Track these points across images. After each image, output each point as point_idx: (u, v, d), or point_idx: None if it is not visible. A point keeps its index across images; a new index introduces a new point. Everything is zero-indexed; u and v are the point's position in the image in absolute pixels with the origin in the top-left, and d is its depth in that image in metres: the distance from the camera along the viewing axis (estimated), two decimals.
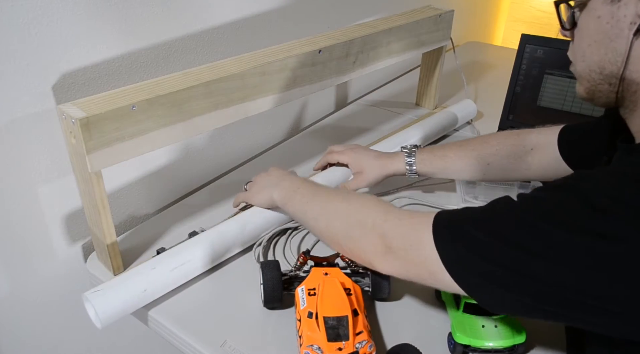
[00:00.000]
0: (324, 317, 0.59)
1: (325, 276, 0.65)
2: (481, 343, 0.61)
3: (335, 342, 0.57)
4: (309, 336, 0.58)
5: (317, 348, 0.57)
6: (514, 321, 0.63)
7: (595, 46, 0.53)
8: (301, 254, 0.70)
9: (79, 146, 0.62)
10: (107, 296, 0.64)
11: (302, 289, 0.64)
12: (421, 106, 1.27)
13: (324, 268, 0.67)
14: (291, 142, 1.11)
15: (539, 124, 1.08)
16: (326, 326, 0.58)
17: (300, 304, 0.63)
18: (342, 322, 0.59)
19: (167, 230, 0.83)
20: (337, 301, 0.61)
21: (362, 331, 0.59)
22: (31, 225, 0.73)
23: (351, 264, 0.70)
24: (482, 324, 0.62)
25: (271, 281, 0.66)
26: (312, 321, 0.59)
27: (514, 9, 2.21)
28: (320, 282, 0.64)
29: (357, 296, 0.64)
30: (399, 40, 1.01)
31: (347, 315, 0.59)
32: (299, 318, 0.62)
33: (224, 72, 0.74)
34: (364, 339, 0.58)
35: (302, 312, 0.61)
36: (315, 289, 0.63)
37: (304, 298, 0.63)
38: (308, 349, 0.57)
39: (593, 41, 0.53)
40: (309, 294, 0.63)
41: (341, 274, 0.66)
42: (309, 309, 0.61)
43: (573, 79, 1.06)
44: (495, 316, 0.63)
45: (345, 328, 0.58)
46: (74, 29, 0.69)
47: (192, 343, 0.65)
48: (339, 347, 0.57)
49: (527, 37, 1.06)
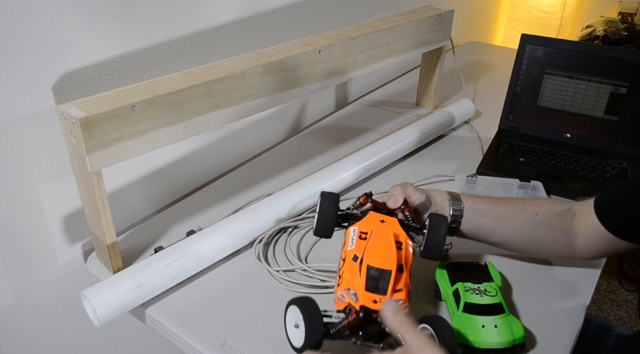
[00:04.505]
0: (367, 265, 0.57)
1: (381, 223, 0.63)
2: (481, 343, 0.61)
3: (372, 293, 0.55)
4: (349, 279, 0.57)
5: (353, 294, 0.55)
6: (514, 321, 0.63)
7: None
8: (363, 195, 0.67)
9: (79, 146, 0.62)
10: (103, 292, 0.64)
11: (354, 229, 0.62)
12: (421, 105, 1.27)
13: (382, 215, 0.64)
14: (291, 142, 1.11)
15: (539, 123, 1.08)
16: (368, 274, 0.56)
17: (348, 245, 0.60)
18: (385, 276, 0.57)
19: (167, 230, 0.83)
20: (386, 252, 0.59)
21: (401, 289, 0.57)
22: (31, 225, 0.73)
23: (410, 218, 0.67)
24: (482, 324, 0.62)
25: (326, 214, 0.63)
26: (355, 264, 0.57)
27: (514, 9, 2.22)
28: (374, 228, 0.61)
29: (406, 253, 0.61)
30: (399, 40, 1.01)
31: (391, 270, 0.57)
32: (343, 257, 0.60)
33: (224, 72, 0.74)
34: (401, 298, 0.56)
35: (348, 253, 0.59)
36: (368, 233, 0.61)
37: (354, 239, 0.60)
38: (344, 292, 0.56)
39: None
40: (360, 237, 0.60)
41: (397, 226, 0.63)
42: (355, 252, 0.59)
43: (573, 79, 1.07)
44: (495, 316, 0.63)
45: (386, 282, 0.56)
46: (74, 29, 0.69)
47: (192, 343, 0.65)
48: (375, 299, 0.55)
49: (527, 37, 1.06)
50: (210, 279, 0.74)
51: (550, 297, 0.72)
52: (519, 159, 1.02)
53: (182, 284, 0.72)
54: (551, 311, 0.70)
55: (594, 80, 1.02)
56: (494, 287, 0.66)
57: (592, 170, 0.98)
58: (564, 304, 0.71)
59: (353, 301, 0.55)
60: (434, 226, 0.64)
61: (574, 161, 1.00)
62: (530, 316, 0.68)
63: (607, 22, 1.99)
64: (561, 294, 0.73)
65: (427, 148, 1.09)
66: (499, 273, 0.70)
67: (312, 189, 0.86)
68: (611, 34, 1.94)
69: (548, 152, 1.03)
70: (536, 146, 1.05)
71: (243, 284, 0.73)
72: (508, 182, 0.92)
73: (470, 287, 0.66)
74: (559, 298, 0.72)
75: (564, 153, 1.03)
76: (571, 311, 0.70)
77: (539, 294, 0.72)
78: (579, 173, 0.97)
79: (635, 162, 1.00)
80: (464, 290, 0.65)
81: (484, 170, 0.98)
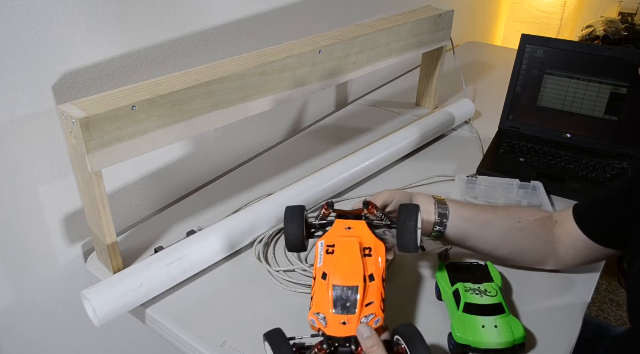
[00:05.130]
0: (333, 285, 0.56)
1: (347, 230, 0.62)
2: (481, 343, 0.61)
3: (340, 314, 0.54)
4: (318, 302, 0.56)
5: (322, 318, 0.55)
6: (514, 321, 0.63)
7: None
8: (324, 205, 0.65)
9: (79, 146, 0.62)
10: (103, 292, 0.64)
11: (321, 243, 0.61)
12: (421, 105, 1.27)
13: (348, 221, 0.63)
14: (291, 142, 1.11)
15: (539, 123, 1.08)
16: (334, 295, 0.55)
17: (317, 261, 0.59)
18: (352, 293, 0.55)
19: (167, 230, 0.83)
20: (351, 266, 0.57)
21: (372, 301, 0.55)
22: (31, 225, 0.73)
23: (380, 216, 0.65)
24: (482, 324, 0.62)
25: (292, 229, 0.63)
26: (324, 283, 0.56)
27: (514, 9, 2.22)
28: (339, 240, 0.60)
29: (377, 257, 0.59)
30: (399, 40, 1.01)
31: (358, 285, 0.55)
32: (314, 276, 0.59)
33: (224, 72, 0.74)
34: (373, 312, 0.55)
35: (318, 270, 0.58)
36: (334, 246, 0.60)
37: (322, 255, 0.59)
38: (314, 317, 0.55)
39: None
40: (327, 251, 0.59)
41: (364, 230, 0.62)
42: (324, 269, 0.58)
43: (573, 79, 1.07)
44: (495, 316, 0.63)
45: (353, 299, 0.55)
46: (74, 29, 0.69)
47: (192, 343, 0.65)
48: (344, 321, 0.54)
49: (527, 37, 1.06)
50: (210, 279, 0.74)
51: (550, 297, 0.72)
52: (519, 159, 1.02)
53: (182, 284, 0.72)
54: (551, 311, 0.70)
55: (594, 81, 1.02)
56: (494, 287, 0.66)
57: (592, 170, 0.98)
58: (564, 304, 0.71)
59: (322, 326, 0.54)
60: (403, 218, 0.62)
61: (574, 161, 1.00)
62: (530, 316, 0.68)
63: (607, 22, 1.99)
64: (561, 294, 0.73)
65: (427, 148, 1.09)
66: (499, 273, 0.70)
67: (312, 189, 0.86)
68: (611, 34, 1.94)
69: (548, 152, 1.03)
70: (536, 146, 1.05)
71: (243, 285, 0.73)
72: (508, 182, 0.92)
73: (470, 287, 0.66)
74: (559, 298, 0.72)
75: (564, 153, 1.03)
76: (571, 311, 0.70)
77: (539, 294, 0.72)
78: (579, 173, 0.97)
79: (635, 162, 1.00)
80: (464, 290, 0.65)
81: (484, 170, 0.98)
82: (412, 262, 0.77)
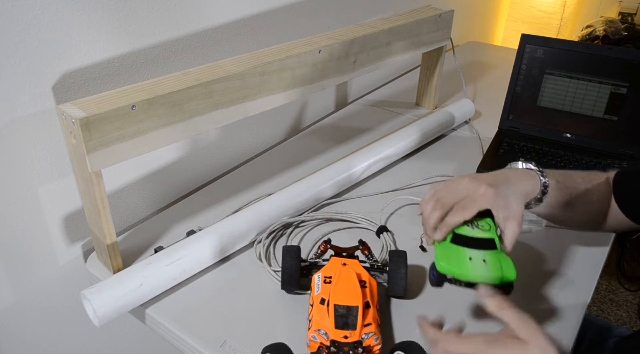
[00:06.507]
0: (334, 305, 0.60)
1: (343, 266, 0.66)
2: (465, 275, 0.56)
3: (342, 330, 0.58)
4: (318, 321, 0.59)
5: (324, 333, 0.58)
6: (506, 259, 0.58)
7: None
8: (322, 242, 0.71)
9: (79, 146, 0.62)
10: (103, 292, 0.64)
11: (318, 276, 0.65)
12: (421, 105, 1.27)
13: (343, 259, 0.68)
14: (291, 142, 1.11)
15: (539, 123, 1.08)
16: (336, 313, 0.59)
17: (314, 290, 0.64)
18: (352, 312, 0.59)
19: (167, 230, 0.83)
20: (350, 290, 0.62)
21: (370, 323, 0.59)
22: (31, 225, 0.73)
23: (370, 258, 0.71)
24: (470, 256, 0.57)
25: (289, 267, 0.67)
26: (323, 307, 0.60)
27: (514, 9, 2.22)
28: (337, 271, 0.65)
29: (371, 290, 0.64)
30: (399, 40, 1.01)
31: (358, 306, 0.60)
32: (311, 303, 0.63)
33: (224, 72, 0.74)
34: (371, 331, 0.59)
35: (315, 297, 0.62)
36: (332, 277, 0.64)
37: (319, 284, 0.64)
38: (315, 333, 0.58)
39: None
40: (325, 281, 0.64)
41: (359, 267, 0.67)
42: (322, 295, 0.62)
43: (573, 79, 1.07)
44: (485, 250, 0.58)
45: (354, 317, 0.59)
46: (74, 29, 0.69)
47: (192, 343, 0.65)
48: (345, 335, 0.57)
49: (527, 37, 1.06)
50: (210, 279, 0.74)
51: (550, 297, 0.72)
52: (519, 159, 1.02)
53: (182, 284, 0.72)
54: (551, 310, 0.70)
55: (594, 81, 1.02)
56: (488, 222, 0.60)
57: (592, 170, 0.98)
58: (564, 304, 0.71)
59: (324, 340, 0.58)
60: (394, 266, 0.68)
61: (574, 161, 1.00)
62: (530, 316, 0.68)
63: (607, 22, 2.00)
64: (561, 294, 0.73)
65: (427, 148, 1.09)
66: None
67: (312, 189, 0.86)
68: (611, 34, 1.94)
69: (548, 152, 1.03)
70: (536, 146, 1.05)
71: (243, 284, 0.73)
72: None
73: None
74: (558, 298, 0.72)
75: (564, 153, 1.03)
76: (571, 311, 0.70)
77: (538, 293, 0.72)
78: None
79: (635, 162, 1.00)
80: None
81: (484, 170, 0.98)
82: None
